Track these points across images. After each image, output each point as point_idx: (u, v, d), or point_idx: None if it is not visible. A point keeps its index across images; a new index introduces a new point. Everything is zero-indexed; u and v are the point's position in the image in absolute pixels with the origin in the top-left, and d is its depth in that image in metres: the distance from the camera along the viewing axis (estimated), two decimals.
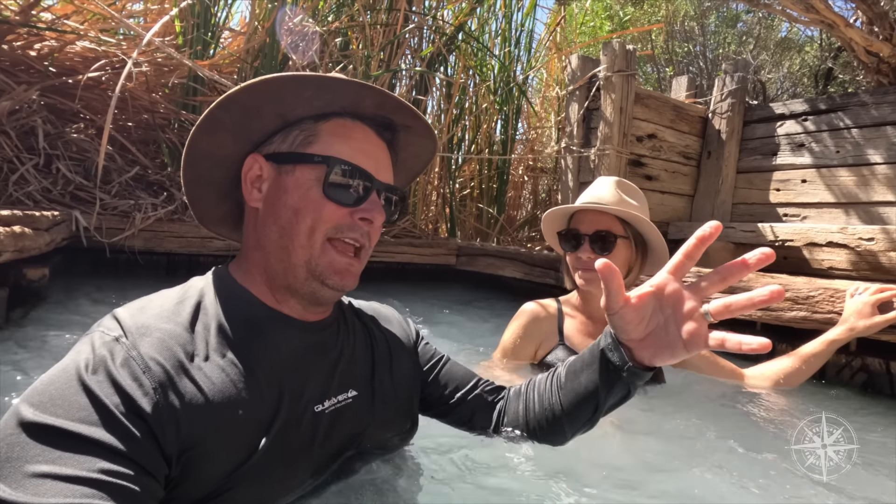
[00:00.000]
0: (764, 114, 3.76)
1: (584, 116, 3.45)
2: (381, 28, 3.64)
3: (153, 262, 2.63)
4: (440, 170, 4.27)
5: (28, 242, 1.50)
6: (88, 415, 0.52)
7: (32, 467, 0.48)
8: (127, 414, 0.54)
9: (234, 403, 0.62)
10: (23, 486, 0.47)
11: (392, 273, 3.33)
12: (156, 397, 0.56)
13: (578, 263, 1.45)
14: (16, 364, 1.35)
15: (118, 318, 0.63)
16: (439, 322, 2.48)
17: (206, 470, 0.60)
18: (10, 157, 2.51)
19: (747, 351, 0.62)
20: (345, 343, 0.80)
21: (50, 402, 0.53)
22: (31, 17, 2.66)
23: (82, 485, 0.48)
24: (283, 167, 0.72)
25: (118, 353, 0.57)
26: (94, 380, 0.55)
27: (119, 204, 2.62)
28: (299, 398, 0.70)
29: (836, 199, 3.41)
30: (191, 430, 0.58)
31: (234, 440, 0.62)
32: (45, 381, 0.56)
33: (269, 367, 0.68)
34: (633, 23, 5.51)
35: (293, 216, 0.70)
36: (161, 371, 0.58)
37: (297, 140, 0.72)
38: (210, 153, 0.75)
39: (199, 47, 3.16)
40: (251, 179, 0.74)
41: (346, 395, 0.76)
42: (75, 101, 2.80)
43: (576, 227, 1.46)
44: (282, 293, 0.73)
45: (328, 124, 0.73)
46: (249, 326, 0.69)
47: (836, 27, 3.09)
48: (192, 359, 0.62)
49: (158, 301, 0.67)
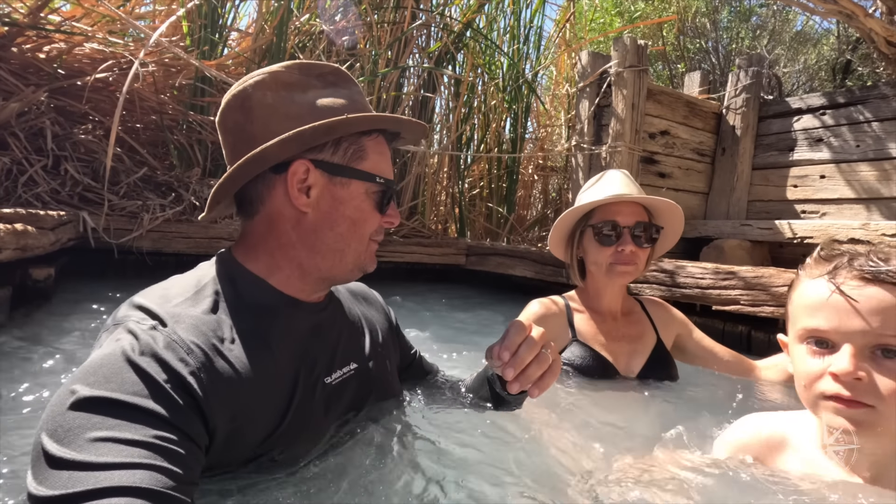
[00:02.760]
0: (780, 109, 3.67)
1: (594, 113, 3.38)
2: (388, 26, 3.62)
3: (161, 262, 2.62)
4: (449, 169, 4.23)
5: (31, 241, 1.48)
6: (140, 389, 0.58)
7: (93, 433, 0.54)
8: (175, 388, 0.60)
9: (262, 380, 0.70)
10: (85, 449, 0.52)
11: (401, 273, 3.29)
12: (200, 375, 0.63)
13: (618, 257, 1.40)
14: (13, 361, 1.33)
15: (145, 307, 0.68)
16: (449, 321, 2.44)
17: (242, 439, 0.68)
18: (20, 159, 2.52)
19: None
20: (342, 321, 0.89)
21: (104, 379, 0.58)
22: (40, 19, 2.67)
23: (138, 447, 0.54)
24: (338, 179, 0.78)
25: (159, 338, 0.63)
26: (142, 360, 0.60)
27: (127, 205, 2.61)
28: (311, 372, 0.78)
29: (857, 195, 3.31)
30: (231, 404, 0.65)
31: (263, 412, 0.70)
32: (95, 364, 0.60)
33: (286, 345, 0.75)
34: (643, 19, 5.43)
35: (351, 226, 0.79)
36: (201, 353, 0.64)
37: (348, 154, 0.78)
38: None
39: (207, 48, 3.16)
40: (298, 183, 0.76)
41: (349, 367, 0.86)
42: (83, 103, 2.81)
43: (612, 219, 1.40)
44: (303, 281, 0.80)
45: (371, 141, 0.80)
46: (264, 309, 0.76)
47: (856, 17, 3.00)
48: (223, 342, 0.68)
49: (177, 290, 0.72)
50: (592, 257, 1.44)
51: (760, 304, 1.78)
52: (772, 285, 1.69)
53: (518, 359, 0.73)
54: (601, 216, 1.42)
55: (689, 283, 2.06)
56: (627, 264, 1.39)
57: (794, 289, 0.83)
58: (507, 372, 0.73)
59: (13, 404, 1.12)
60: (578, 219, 1.47)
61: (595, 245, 1.43)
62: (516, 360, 0.73)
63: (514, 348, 0.74)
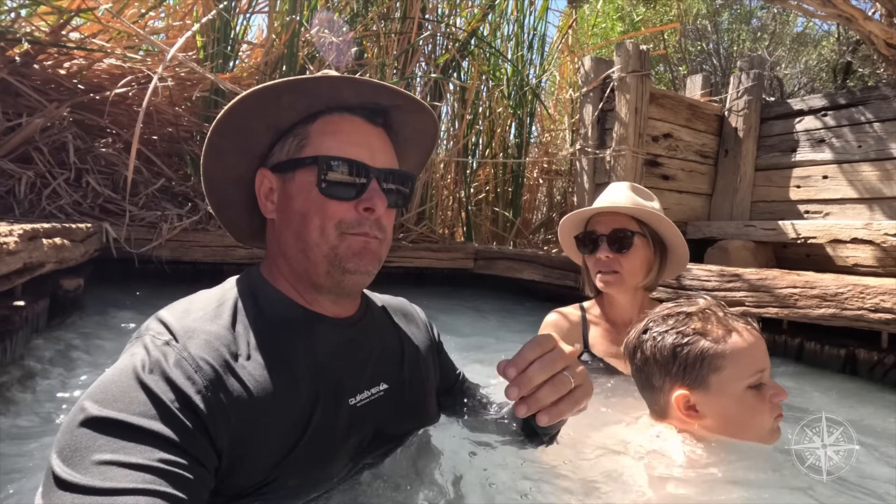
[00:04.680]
0: (781, 110, 3.72)
1: (598, 118, 3.45)
2: (395, 36, 3.70)
3: (179, 270, 2.70)
4: (455, 175, 4.30)
5: (67, 254, 1.56)
6: (147, 409, 0.57)
7: (98, 456, 0.52)
8: (182, 409, 0.58)
9: (277, 399, 0.66)
10: (90, 472, 0.51)
11: (411, 277, 3.37)
12: (207, 394, 0.60)
13: (598, 265, 1.44)
14: (55, 368, 1.40)
15: (165, 322, 0.66)
16: (460, 325, 2.50)
17: (252, 462, 0.64)
18: (43, 172, 2.60)
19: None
20: (375, 338, 0.83)
21: (112, 398, 0.57)
22: (61, 37, 2.76)
23: (143, 472, 0.52)
24: (286, 175, 0.74)
25: (170, 354, 0.61)
26: (150, 378, 0.59)
27: (146, 215, 2.69)
28: (334, 392, 0.73)
29: (860, 195, 3.35)
30: (239, 424, 0.62)
31: (277, 433, 0.66)
32: (106, 381, 0.60)
33: (306, 364, 0.71)
34: (644, 23, 5.49)
35: (302, 220, 0.72)
36: (210, 370, 0.62)
37: (292, 147, 0.74)
38: (225, 177, 0.78)
39: (220, 61, 3.24)
40: (264, 193, 0.77)
41: (378, 388, 0.79)
42: (103, 117, 2.90)
43: (592, 229, 1.46)
44: (310, 293, 0.76)
45: (316, 124, 0.74)
46: (285, 326, 0.73)
47: (855, 21, 3.05)
48: (237, 358, 0.65)
49: (199, 304, 0.71)
50: (589, 268, 1.50)
51: (765, 305, 1.84)
52: (775, 287, 1.75)
53: (525, 378, 0.63)
54: (590, 226, 1.48)
55: (696, 285, 2.12)
56: (608, 272, 1.42)
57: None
58: (510, 391, 0.63)
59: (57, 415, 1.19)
60: (578, 231, 1.52)
61: (586, 256, 1.49)
62: (523, 378, 0.63)
63: (524, 366, 0.64)
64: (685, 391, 0.94)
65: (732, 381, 0.91)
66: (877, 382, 1.65)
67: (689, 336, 0.95)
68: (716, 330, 0.94)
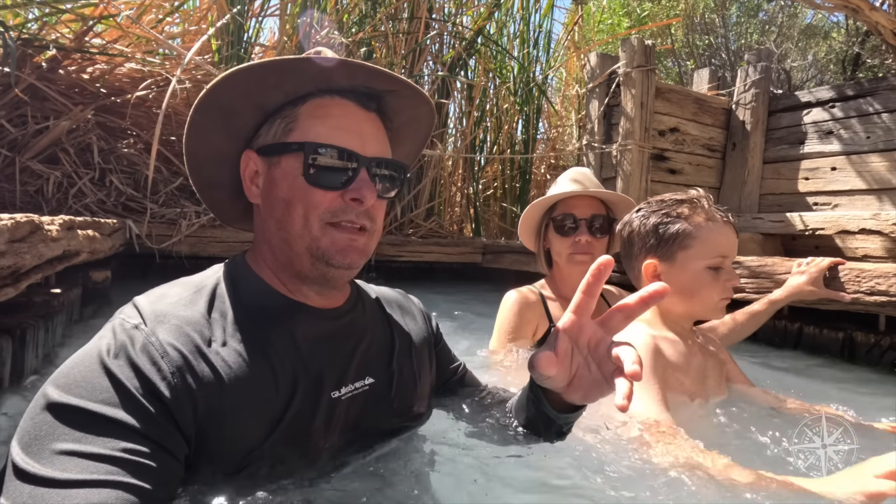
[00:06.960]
0: (789, 103, 3.73)
1: (604, 113, 3.49)
2: (403, 37, 3.78)
3: (198, 265, 2.73)
4: (464, 171, 4.37)
5: (98, 245, 1.66)
6: (110, 397, 0.55)
7: (58, 445, 0.51)
8: (146, 396, 0.56)
9: (251, 387, 0.64)
10: (50, 462, 0.50)
11: (421, 272, 3.45)
12: (173, 380, 0.58)
13: (575, 247, 1.53)
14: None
15: (138, 306, 0.64)
16: (467, 317, 2.57)
17: (224, 450, 0.62)
18: (70, 172, 2.73)
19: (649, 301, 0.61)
20: (364, 330, 0.79)
21: (74, 384, 0.55)
22: (84, 43, 2.89)
23: (104, 462, 0.51)
24: (271, 160, 0.71)
25: (137, 339, 0.59)
26: (115, 364, 0.57)
27: (166, 212, 2.81)
28: (315, 384, 0.70)
29: (868, 186, 3.35)
30: (208, 411, 0.60)
31: (250, 422, 0.63)
32: (70, 365, 0.58)
33: (285, 353, 0.68)
34: (651, 18, 5.50)
35: (285, 208, 0.69)
36: (178, 356, 0.59)
37: (279, 130, 0.71)
38: (210, 157, 0.76)
39: (235, 63, 3.35)
40: (249, 176, 0.74)
41: (364, 382, 0.76)
42: (125, 119, 3.02)
43: (570, 213, 1.54)
44: (294, 282, 0.73)
45: (305, 106, 0.71)
46: (265, 314, 0.70)
47: (861, 11, 3.05)
48: (210, 344, 0.63)
49: (177, 289, 0.69)
50: (556, 248, 1.58)
51: (765, 290, 1.88)
52: (775, 273, 1.79)
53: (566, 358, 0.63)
54: (561, 210, 1.56)
55: None
56: (584, 254, 1.52)
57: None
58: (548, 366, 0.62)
59: None
60: (543, 213, 1.61)
61: (557, 237, 1.57)
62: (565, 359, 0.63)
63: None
64: (654, 261, 1.14)
65: (695, 259, 1.09)
66: (872, 366, 1.69)
67: (672, 217, 1.12)
68: (697, 217, 1.10)
